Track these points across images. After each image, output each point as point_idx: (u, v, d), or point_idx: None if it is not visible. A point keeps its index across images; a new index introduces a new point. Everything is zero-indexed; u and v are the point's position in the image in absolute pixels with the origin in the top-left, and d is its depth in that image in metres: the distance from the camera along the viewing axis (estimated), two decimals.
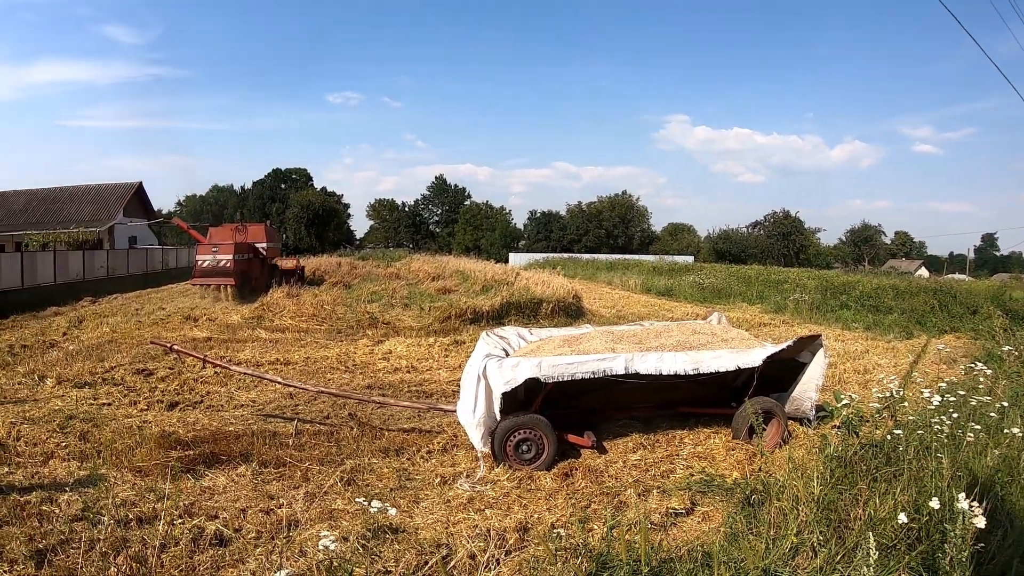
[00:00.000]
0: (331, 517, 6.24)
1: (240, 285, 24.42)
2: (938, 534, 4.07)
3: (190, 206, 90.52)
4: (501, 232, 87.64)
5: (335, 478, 7.30)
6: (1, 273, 24.57)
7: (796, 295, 25.96)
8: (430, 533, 5.94)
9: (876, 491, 4.63)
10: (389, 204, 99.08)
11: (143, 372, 12.44)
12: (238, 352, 14.94)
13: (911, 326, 20.01)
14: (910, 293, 23.54)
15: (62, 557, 5.28)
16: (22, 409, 9.67)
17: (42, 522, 5.99)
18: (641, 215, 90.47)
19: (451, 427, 9.31)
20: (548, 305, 21.64)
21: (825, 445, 5.38)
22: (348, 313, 20.56)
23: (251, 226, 28.47)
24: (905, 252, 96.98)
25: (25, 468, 7.47)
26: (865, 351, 15.76)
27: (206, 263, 24.53)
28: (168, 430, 8.65)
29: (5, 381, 11.83)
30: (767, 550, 4.23)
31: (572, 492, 7.14)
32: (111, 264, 34.42)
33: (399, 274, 31.29)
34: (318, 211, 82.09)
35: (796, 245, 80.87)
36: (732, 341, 8.84)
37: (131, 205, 51.26)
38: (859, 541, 4.01)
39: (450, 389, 11.83)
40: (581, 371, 7.79)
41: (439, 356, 14.91)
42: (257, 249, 26.83)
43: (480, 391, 7.75)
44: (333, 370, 13.51)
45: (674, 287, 33.42)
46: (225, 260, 24.26)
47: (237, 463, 7.72)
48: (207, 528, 5.85)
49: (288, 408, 10.46)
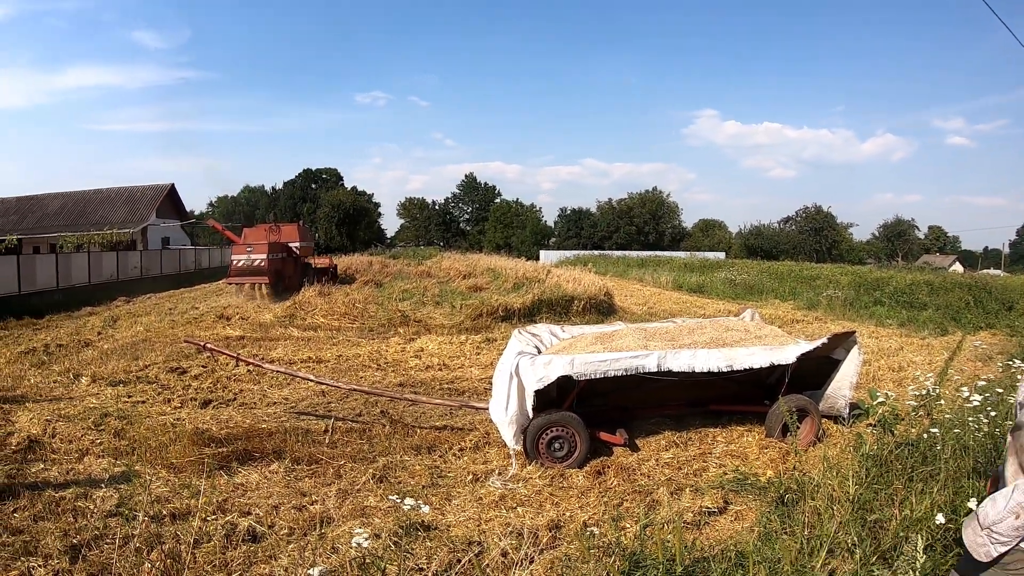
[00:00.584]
0: (363, 514, 6.21)
1: (274, 283, 24.81)
2: None
3: (222, 207, 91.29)
4: (531, 230, 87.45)
5: (367, 475, 7.29)
6: (36, 274, 24.86)
7: (829, 291, 25.67)
8: (462, 531, 5.93)
9: (912, 491, 4.58)
10: (419, 203, 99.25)
11: (177, 370, 12.52)
12: (271, 350, 15.00)
13: (946, 322, 19.74)
14: (945, 289, 23.20)
15: (96, 552, 5.30)
16: (57, 407, 9.73)
17: (77, 518, 6.03)
18: (672, 211, 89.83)
19: (483, 425, 9.28)
20: (580, 302, 21.50)
21: (860, 444, 5.28)
22: (380, 311, 20.61)
23: (284, 226, 29.21)
24: (939, 247, 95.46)
25: (60, 465, 7.53)
26: (899, 348, 15.52)
27: (241, 262, 24.99)
28: (201, 427, 8.66)
29: (41, 379, 11.94)
30: (801, 550, 4.13)
31: (604, 490, 7.08)
32: (144, 264, 34.79)
33: (430, 272, 31.32)
34: (349, 210, 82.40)
35: (828, 241, 79.82)
36: (765, 338, 8.73)
37: (163, 207, 51.77)
38: (895, 542, 3.93)
39: (482, 387, 11.79)
40: (614, 368, 7.70)
41: (471, 354, 14.88)
42: (290, 248, 27.28)
43: (513, 388, 7.70)
44: (365, 368, 13.51)
45: (705, 284, 33.16)
46: (260, 259, 24.67)
47: (270, 460, 7.73)
48: (240, 524, 5.85)
49: (320, 406, 10.46)
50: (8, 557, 5.21)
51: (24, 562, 5.12)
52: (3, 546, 5.39)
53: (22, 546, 5.38)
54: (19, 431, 8.47)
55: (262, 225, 29.41)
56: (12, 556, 5.23)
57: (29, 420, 8.86)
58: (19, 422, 8.84)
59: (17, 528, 5.79)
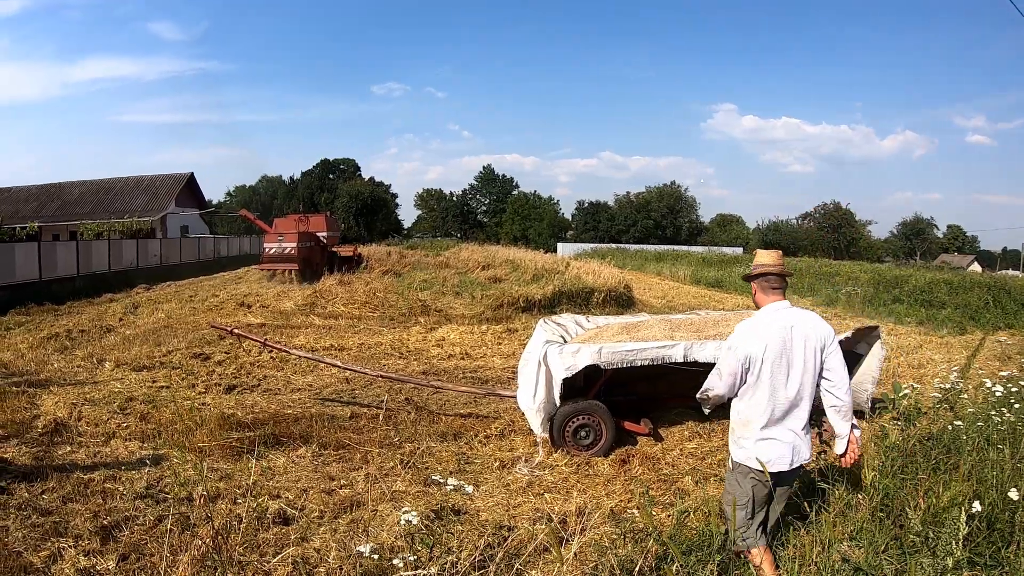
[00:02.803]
0: (393, 498, 6.16)
1: (303, 270, 26.35)
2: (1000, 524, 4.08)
3: (240, 196, 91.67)
4: (549, 222, 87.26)
5: (395, 461, 7.29)
6: (57, 261, 24.95)
7: (848, 288, 25.50)
8: (491, 516, 5.96)
9: (937, 482, 4.54)
10: (437, 194, 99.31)
11: (200, 356, 12.52)
12: (292, 338, 14.98)
13: (964, 321, 19.56)
14: (964, 288, 22.93)
15: (127, 534, 5.27)
16: (82, 391, 9.74)
17: (106, 499, 6.02)
18: (689, 206, 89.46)
19: (508, 413, 9.24)
20: (599, 295, 21.42)
21: (884, 435, 5.21)
22: (400, 300, 20.57)
23: (312, 217, 30.92)
24: (957, 247, 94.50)
25: (87, 448, 7.53)
26: (919, 346, 15.34)
27: (273, 250, 26.71)
28: (227, 412, 8.62)
29: (64, 364, 11.97)
30: (826, 538, 4.09)
31: (630, 478, 7.06)
32: (164, 252, 34.92)
33: (448, 263, 31.41)
34: (367, 201, 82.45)
35: (847, 238, 79.27)
36: None
37: (183, 195, 52.09)
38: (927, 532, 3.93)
39: (505, 376, 11.73)
40: (641, 358, 7.62)
41: (492, 343, 14.83)
42: (318, 237, 28.90)
43: (540, 377, 7.66)
44: (387, 356, 13.47)
45: (723, 278, 32.90)
46: (290, 248, 26.39)
47: (297, 445, 7.71)
48: (270, 507, 5.83)
49: (345, 392, 10.44)
50: (38, 538, 5.20)
51: (54, 543, 5.11)
52: (33, 527, 5.38)
53: (52, 527, 5.37)
54: (45, 414, 8.46)
55: (292, 216, 30.66)
56: (42, 537, 5.22)
57: (54, 404, 8.84)
58: (44, 406, 8.82)
59: (46, 509, 5.78)
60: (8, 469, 6.64)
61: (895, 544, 3.99)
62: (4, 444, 7.40)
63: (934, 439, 5.37)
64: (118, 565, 4.82)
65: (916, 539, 3.92)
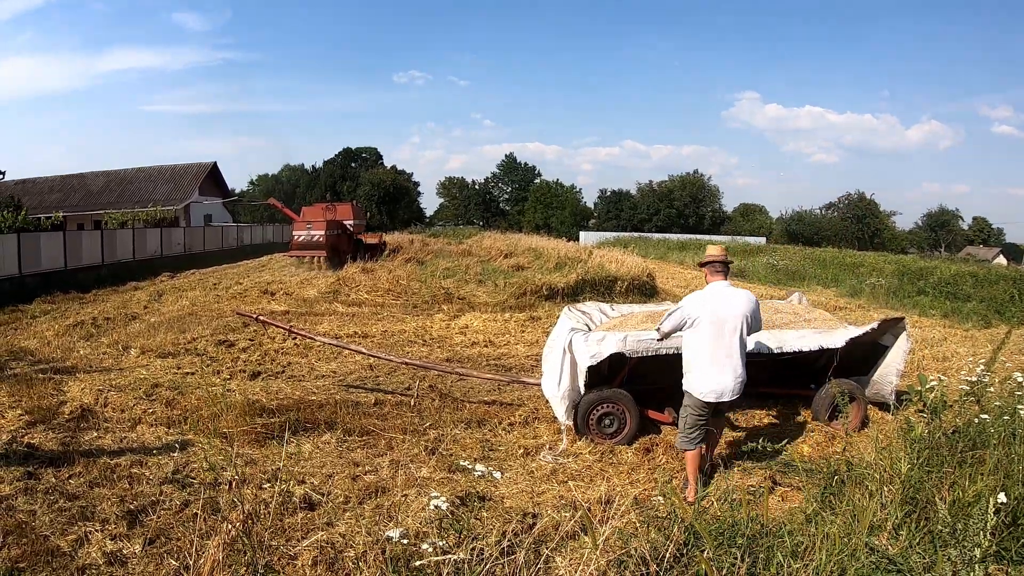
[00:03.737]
0: (417, 484, 6.16)
1: (330, 256, 27.11)
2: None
3: (263, 185, 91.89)
4: (571, 211, 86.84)
5: (419, 447, 7.28)
6: (82, 250, 25.25)
7: (872, 279, 25.29)
8: (516, 502, 5.97)
9: (964, 475, 4.49)
10: (459, 182, 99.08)
11: (224, 343, 12.54)
12: (316, 325, 15.00)
13: (989, 315, 19.27)
14: (989, 281, 22.71)
15: (153, 518, 5.28)
16: (108, 377, 9.78)
17: (132, 484, 6.04)
18: (712, 195, 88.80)
19: (532, 400, 9.19)
20: (623, 283, 21.29)
21: (910, 428, 5.13)
22: (423, 288, 20.57)
23: (339, 205, 31.86)
24: (983, 239, 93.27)
25: (113, 433, 7.57)
26: (943, 338, 15.15)
27: (302, 237, 27.62)
28: (252, 398, 8.63)
29: (90, 351, 12.06)
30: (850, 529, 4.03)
31: (654, 467, 7.05)
32: (188, 241, 35.17)
33: (471, 251, 31.38)
34: (389, 189, 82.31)
35: (871, 229, 78.42)
36: (814, 321, 8.60)
37: (206, 184, 52.30)
38: (955, 523, 3.87)
39: (528, 363, 11.68)
40: (665, 347, 7.56)
41: (515, 331, 14.76)
42: (345, 225, 29.73)
43: (565, 364, 7.64)
44: (411, 343, 13.46)
45: (747, 268, 32.68)
46: (318, 235, 27.28)
47: (322, 431, 7.71)
48: (296, 492, 5.84)
49: (369, 379, 10.44)
50: (65, 522, 5.22)
51: (81, 526, 5.13)
52: (60, 511, 5.40)
53: (79, 511, 5.40)
54: (71, 400, 8.52)
55: (319, 204, 31.29)
56: (69, 521, 5.24)
57: (81, 390, 8.90)
58: (71, 392, 8.88)
59: (73, 494, 5.80)
60: (35, 454, 6.68)
61: (921, 536, 3.95)
62: (31, 430, 7.44)
63: (960, 432, 5.30)
64: (144, 549, 4.83)
65: (943, 531, 3.85)
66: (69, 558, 4.71)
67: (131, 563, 4.66)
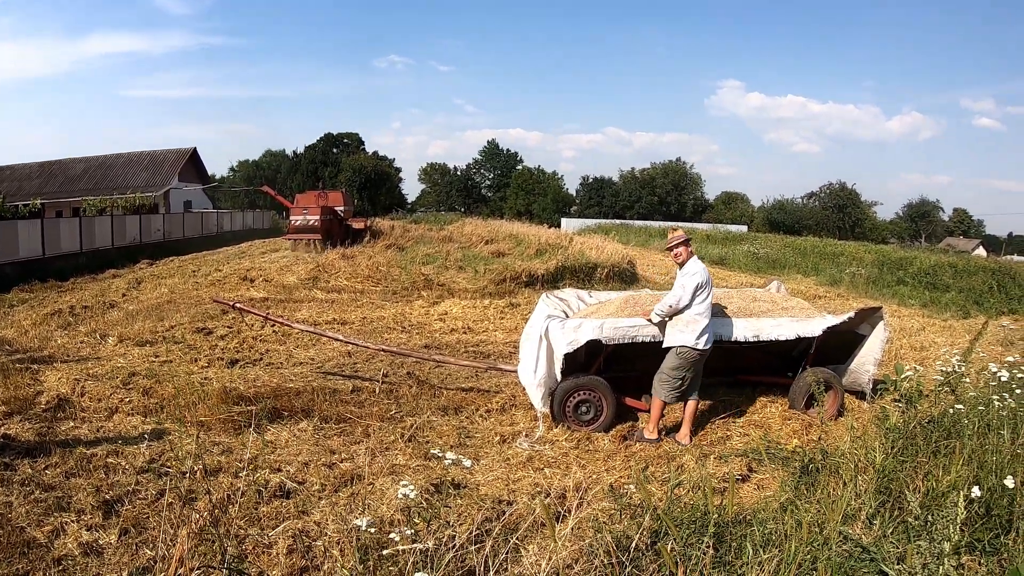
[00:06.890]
0: (394, 472, 6.22)
1: (325, 239, 28.59)
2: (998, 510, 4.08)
3: (243, 171, 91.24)
4: (553, 197, 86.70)
5: (396, 434, 7.32)
6: (60, 237, 25.12)
7: (852, 268, 25.53)
8: (491, 490, 6.01)
9: (938, 465, 4.54)
10: (441, 168, 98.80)
11: (202, 331, 12.52)
12: (295, 312, 14.99)
13: (968, 305, 19.58)
14: (968, 272, 23.11)
15: (129, 508, 5.29)
16: (85, 366, 9.74)
17: (108, 474, 6.05)
18: (694, 183, 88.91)
19: (509, 387, 9.26)
20: (603, 270, 21.39)
21: (885, 417, 5.21)
22: (403, 275, 20.52)
23: (331, 192, 33.59)
24: (963, 230, 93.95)
25: (90, 423, 7.55)
26: (921, 328, 15.30)
27: (299, 222, 29.08)
28: (229, 386, 8.60)
29: (68, 340, 11.99)
30: (823, 516, 4.10)
31: (630, 454, 7.13)
32: (167, 228, 35.02)
33: (452, 237, 31.31)
34: (370, 175, 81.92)
35: (852, 218, 78.85)
36: (792, 310, 8.62)
37: (185, 170, 51.89)
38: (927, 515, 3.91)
39: (507, 350, 11.75)
40: (642, 334, 7.66)
41: (495, 318, 14.83)
42: (336, 211, 31.10)
43: (542, 351, 7.66)
44: (390, 330, 13.49)
45: (728, 256, 32.79)
46: (314, 220, 28.81)
47: (299, 419, 7.73)
48: (271, 480, 5.88)
49: (347, 366, 10.45)
50: (41, 513, 5.22)
51: (57, 517, 5.14)
52: (36, 502, 5.40)
53: (55, 502, 5.40)
54: (48, 390, 8.48)
55: (312, 192, 33.10)
56: (45, 512, 5.24)
57: (58, 379, 8.88)
58: (48, 381, 8.86)
59: (49, 484, 5.80)
60: (11, 445, 6.66)
61: (895, 525, 4.00)
62: (7, 420, 7.41)
63: (935, 422, 5.37)
64: (119, 539, 4.85)
65: (915, 522, 3.92)
66: (45, 549, 4.72)
67: (107, 553, 4.68)
